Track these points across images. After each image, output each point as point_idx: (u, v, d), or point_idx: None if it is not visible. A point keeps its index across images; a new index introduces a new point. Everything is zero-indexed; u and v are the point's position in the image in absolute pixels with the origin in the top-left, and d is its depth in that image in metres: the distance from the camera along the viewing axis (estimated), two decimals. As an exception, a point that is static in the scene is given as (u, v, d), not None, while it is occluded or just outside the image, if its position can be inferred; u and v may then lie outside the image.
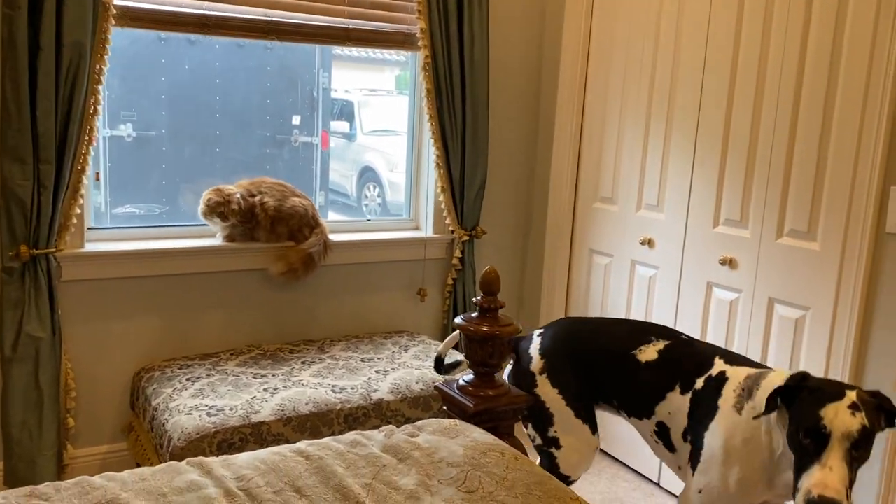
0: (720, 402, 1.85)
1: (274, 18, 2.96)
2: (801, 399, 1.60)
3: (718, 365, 1.94)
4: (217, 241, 2.97)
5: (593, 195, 3.34)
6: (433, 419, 1.73)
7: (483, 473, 1.48)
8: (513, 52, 3.46)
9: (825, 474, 1.49)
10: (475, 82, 3.26)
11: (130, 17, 2.69)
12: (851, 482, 1.52)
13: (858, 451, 1.54)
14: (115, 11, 2.60)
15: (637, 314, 3.15)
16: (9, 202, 2.51)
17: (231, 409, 2.39)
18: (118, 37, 2.98)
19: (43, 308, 2.59)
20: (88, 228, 2.83)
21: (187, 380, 2.62)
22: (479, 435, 1.63)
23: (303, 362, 2.84)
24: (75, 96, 2.54)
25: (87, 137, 2.61)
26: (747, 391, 1.82)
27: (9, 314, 2.56)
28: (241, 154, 3.64)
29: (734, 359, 1.97)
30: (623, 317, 3.21)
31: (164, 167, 3.71)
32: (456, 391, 1.77)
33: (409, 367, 2.86)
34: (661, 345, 2.04)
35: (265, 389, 2.55)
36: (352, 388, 2.62)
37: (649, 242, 3.06)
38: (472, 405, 1.73)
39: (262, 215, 2.94)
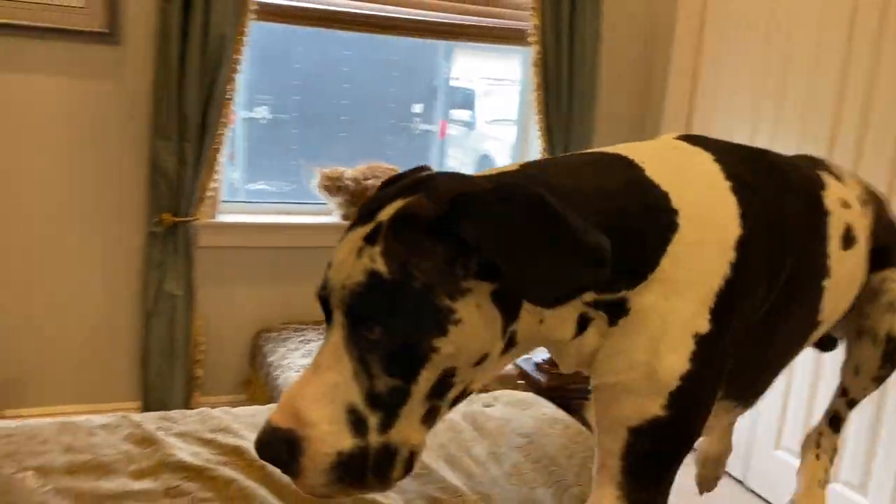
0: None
1: (392, 14, 3.17)
2: None
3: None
4: (334, 218, 3.23)
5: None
6: (507, 391, 1.89)
7: (548, 443, 1.62)
8: (623, 50, 3.52)
9: None
10: (583, 78, 3.36)
11: (268, 13, 2.98)
12: None
13: None
14: (254, 7, 2.88)
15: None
16: (156, 175, 2.85)
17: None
18: (257, 25, 3.29)
19: (181, 269, 2.93)
20: (223, 201, 3.16)
21: (300, 342, 2.89)
22: (548, 409, 1.77)
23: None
24: (216, 83, 2.84)
25: (223, 120, 2.91)
26: None
27: (152, 273, 2.91)
28: (364, 139, 3.88)
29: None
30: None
31: (293, 148, 4.03)
32: (532, 368, 1.92)
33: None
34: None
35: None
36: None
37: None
38: (544, 381, 1.88)
39: (375, 198, 3.18)
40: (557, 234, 0.85)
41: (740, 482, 3.03)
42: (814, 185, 1.25)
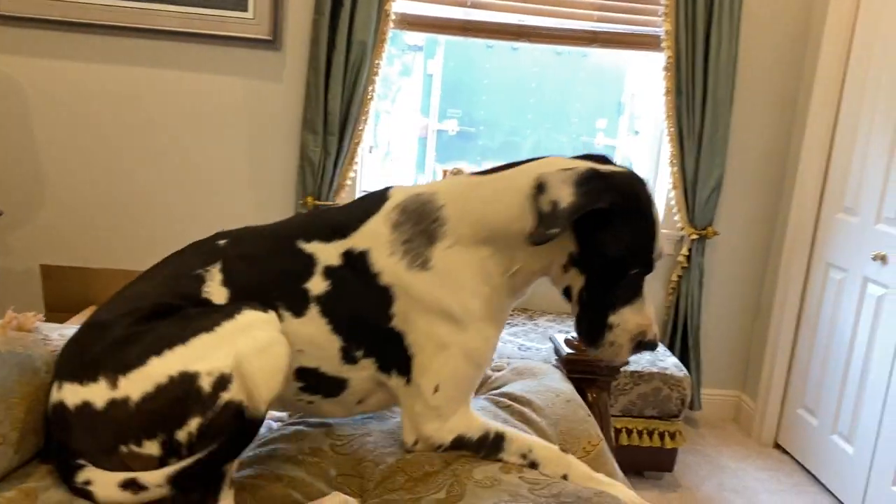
0: (381, 279, 1.36)
1: (526, 23, 3.35)
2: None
3: (323, 251, 1.41)
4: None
5: (838, 205, 3.15)
6: (524, 361, 2.00)
7: (536, 399, 1.73)
8: (766, 54, 3.40)
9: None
10: (719, 83, 3.30)
11: (407, 22, 3.31)
12: None
13: None
14: (394, 17, 3.23)
15: (861, 338, 2.93)
16: (303, 163, 3.29)
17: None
18: (451, 44, 3.63)
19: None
20: (363, 191, 3.54)
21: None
22: (551, 379, 1.87)
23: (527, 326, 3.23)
24: (358, 84, 3.22)
25: (364, 117, 3.28)
26: (421, 237, 1.37)
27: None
28: (546, 152, 4.01)
29: (331, 230, 1.42)
30: (847, 341, 3.01)
31: (478, 160, 4.35)
32: (561, 342, 2.02)
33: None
34: (219, 276, 1.39)
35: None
36: (535, 349, 2.94)
37: (883, 259, 2.84)
38: (564, 354, 1.98)
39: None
40: None
41: (849, 515, 2.82)
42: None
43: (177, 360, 1.22)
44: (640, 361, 2.96)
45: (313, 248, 1.39)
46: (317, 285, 1.37)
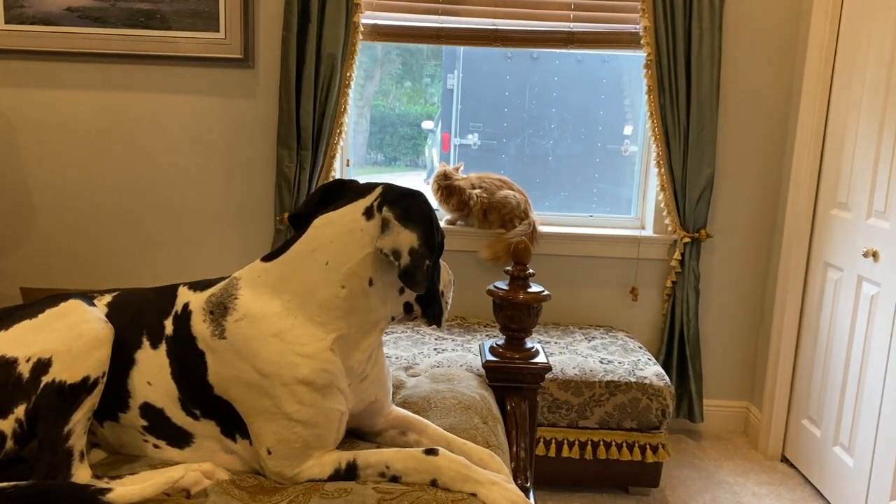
0: (199, 343, 1.38)
1: (500, 27, 3.28)
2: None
3: (184, 296, 1.46)
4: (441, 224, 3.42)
5: (832, 201, 2.96)
6: (446, 368, 1.92)
7: (437, 405, 1.66)
8: (753, 49, 3.24)
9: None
10: (702, 79, 3.16)
11: (377, 33, 3.28)
12: None
13: None
14: (363, 28, 3.21)
15: (858, 341, 2.73)
16: (279, 179, 3.29)
17: (396, 358, 2.82)
18: (469, 58, 3.59)
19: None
20: (345, 205, 3.51)
21: (385, 334, 3.10)
22: (464, 386, 1.78)
23: (491, 336, 3.13)
24: (329, 98, 3.21)
25: (337, 131, 3.27)
26: (218, 307, 1.39)
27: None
28: (571, 161, 3.93)
29: (205, 284, 1.48)
30: (845, 345, 2.81)
31: (502, 173, 4.30)
32: (487, 349, 1.94)
33: (578, 353, 2.95)
34: (108, 297, 1.52)
35: (435, 349, 2.91)
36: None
37: (874, 255, 2.64)
38: (484, 361, 1.89)
39: (475, 206, 3.30)
40: None
41: (845, 533, 2.61)
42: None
43: None
44: (618, 371, 2.82)
45: (184, 293, 1.46)
46: (169, 326, 1.43)
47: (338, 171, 3.41)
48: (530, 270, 1.92)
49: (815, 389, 3.02)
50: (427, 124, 4.28)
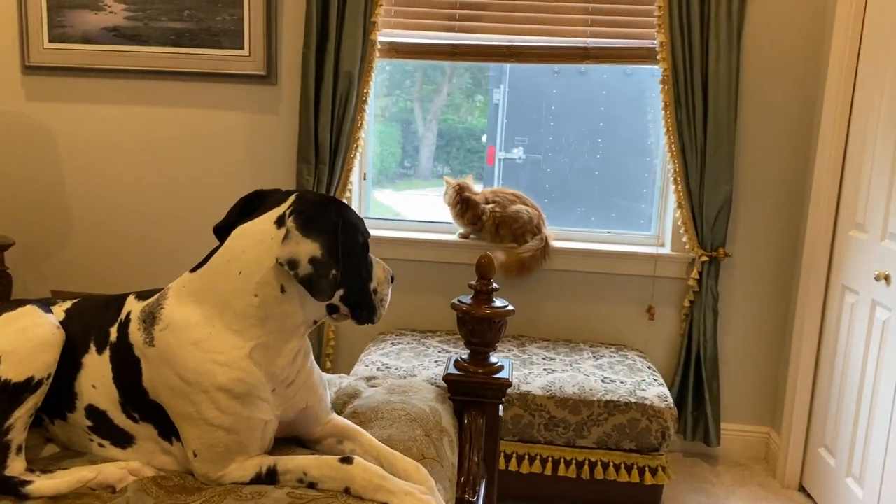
0: (135, 350, 1.45)
1: (515, 43, 3.30)
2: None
3: (130, 304, 1.52)
4: (453, 236, 3.45)
5: (850, 221, 2.85)
6: (405, 380, 1.95)
7: (384, 416, 1.69)
8: (770, 66, 3.15)
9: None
10: (719, 95, 3.10)
11: (394, 50, 3.35)
12: None
13: None
14: (379, 46, 3.28)
15: (870, 366, 2.62)
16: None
17: (395, 369, 2.86)
18: (515, 72, 3.63)
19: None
20: (364, 217, 3.58)
21: (391, 345, 3.15)
22: (418, 399, 1.80)
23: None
24: (346, 113, 3.29)
25: (354, 145, 3.34)
26: (149, 317, 1.46)
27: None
28: (618, 175, 3.88)
29: (148, 294, 1.54)
30: (859, 371, 2.69)
31: (546, 187, 4.31)
32: (452, 363, 1.95)
33: (581, 371, 2.92)
34: (68, 304, 1.60)
35: (435, 361, 2.94)
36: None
37: (886, 278, 2.53)
38: (445, 374, 1.91)
39: (488, 220, 3.32)
40: None
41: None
42: None
43: None
44: (618, 391, 2.78)
45: (130, 301, 1.54)
46: (113, 333, 1.51)
47: (355, 185, 3.48)
48: (494, 285, 1.93)
49: (830, 417, 2.90)
50: (486, 138, 4.30)
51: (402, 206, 4.13)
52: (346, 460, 1.40)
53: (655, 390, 2.81)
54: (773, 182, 3.25)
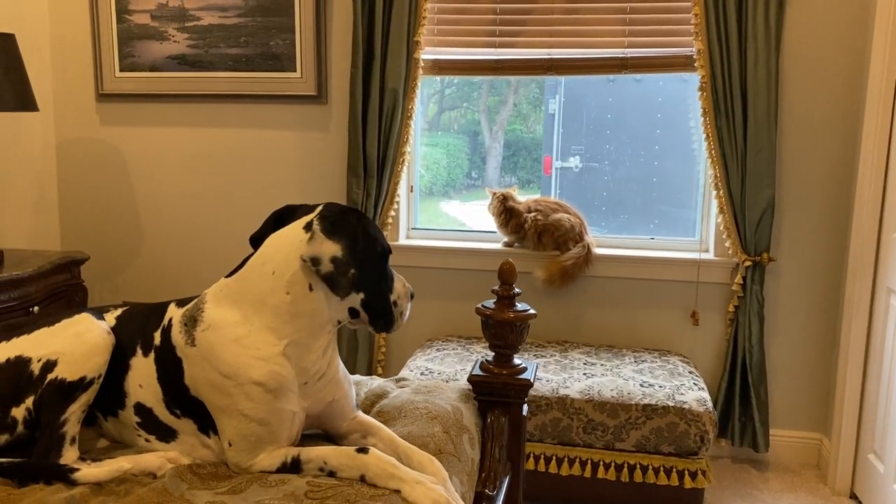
0: (177, 351, 1.61)
1: (555, 56, 3.38)
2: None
3: (171, 311, 1.68)
4: (498, 245, 3.54)
5: (895, 224, 2.81)
6: (431, 380, 2.06)
7: (408, 414, 1.80)
8: (811, 70, 3.14)
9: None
10: (758, 101, 3.10)
11: (437, 67, 3.48)
12: None
13: None
14: (423, 64, 3.42)
15: (915, 369, 2.58)
16: (349, 204, 3.54)
17: (439, 373, 2.97)
18: (570, 82, 3.79)
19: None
20: (412, 228, 3.72)
21: (437, 351, 3.27)
22: (442, 399, 1.90)
23: (535, 355, 3.21)
24: (392, 129, 3.43)
25: (401, 158, 3.48)
26: (190, 320, 1.61)
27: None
28: (677, 182, 3.91)
29: (187, 301, 1.70)
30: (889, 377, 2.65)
31: (604, 195, 4.37)
32: (478, 364, 2.05)
33: (620, 375, 2.97)
34: (119, 311, 1.77)
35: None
36: (546, 380, 2.91)
37: (928, 281, 2.50)
38: (471, 374, 2.01)
39: (530, 229, 3.40)
40: None
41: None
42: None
43: (18, 347, 1.60)
44: (657, 395, 2.82)
45: (171, 309, 1.70)
46: (157, 337, 1.68)
47: (402, 197, 3.61)
48: (517, 290, 2.02)
49: (879, 422, 2.86)
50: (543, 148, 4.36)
51: (468, 217, 4.24)
52: (363, 450, 1.52)
53: (695, 394, 2.83)
54: (817, 186, 3.22)
